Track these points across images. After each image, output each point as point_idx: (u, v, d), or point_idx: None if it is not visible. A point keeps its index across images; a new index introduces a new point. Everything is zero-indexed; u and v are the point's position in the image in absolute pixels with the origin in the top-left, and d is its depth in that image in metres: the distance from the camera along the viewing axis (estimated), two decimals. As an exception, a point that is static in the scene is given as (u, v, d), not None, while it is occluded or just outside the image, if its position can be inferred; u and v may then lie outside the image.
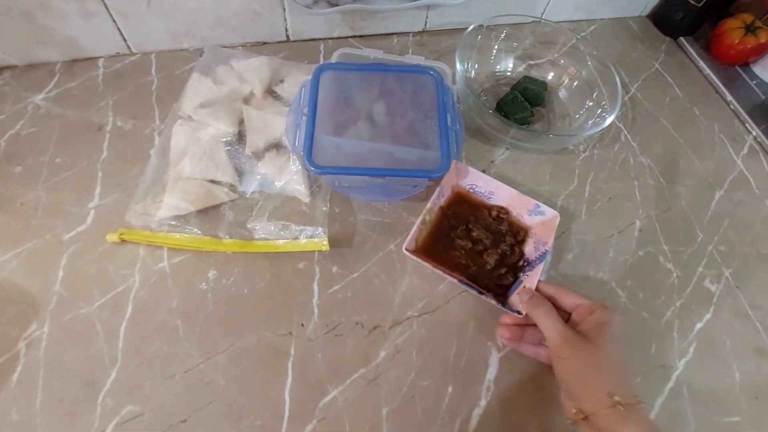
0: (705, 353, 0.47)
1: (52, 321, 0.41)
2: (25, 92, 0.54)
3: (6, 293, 0.42)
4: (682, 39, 0.75)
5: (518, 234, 0.49)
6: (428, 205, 0.47)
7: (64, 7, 0.51)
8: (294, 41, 0.64)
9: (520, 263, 0.47)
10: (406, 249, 0.43)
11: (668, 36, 0.76)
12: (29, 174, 0.48)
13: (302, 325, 0.43)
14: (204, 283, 0.44)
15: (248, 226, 0.47)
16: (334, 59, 0.54)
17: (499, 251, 0.47)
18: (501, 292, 0.45)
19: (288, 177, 0.49)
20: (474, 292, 0.43)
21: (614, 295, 0.49)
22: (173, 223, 0.46)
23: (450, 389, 0.42)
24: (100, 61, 0.58)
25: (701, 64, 0.72)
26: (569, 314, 0.41)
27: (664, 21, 0.76)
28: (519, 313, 0.41)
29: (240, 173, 0.50)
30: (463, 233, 0.48)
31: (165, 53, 0.60)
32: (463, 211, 0.50)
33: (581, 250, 0.51)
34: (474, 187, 0.51)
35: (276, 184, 0.49)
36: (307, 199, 0.49)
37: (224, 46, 0.61)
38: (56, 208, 0.47)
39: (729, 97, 0.68)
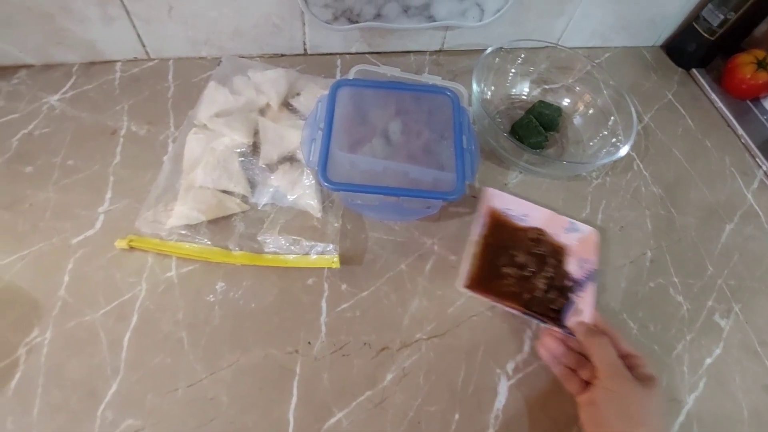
0: (715, 389, 0.46)
1: (54, 327, 0.40)
2: (41, 92, 0.54)
3: (9, 296, 0.41)
4: (694, 70, 0.76)
5: (558, 254, 0.49)
6: (471, 237, 0.48)
7: (85, 11, 0.51)
8: (311, 54, 0.64)
9: (568, 284, 0.47)
10: (465, 286, 0.44)
11: (681, 67, 0.77)
12: (40, 175, 0.48)
13: (309, 343, 0.43)
14: (212, 295, 0.44)
15: (259, 238, 0.47)
16: (351, 75, 0.54)
17: (546, 275, 0.47)
18: (554, 315, 0.45)
19: (301, 191, 0.49)
20: (536, 322, 0.44)
21: (625, 326, 0.48)
22: (183, 232, 0.45)
23: (457, 416, 0.41)
24: (118, 65, 0.58)
25: (713, 96, 0.72)
26: None
27: (677, 52, 0.77)
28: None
29: (253, 185, 0.50)
30: (508, 260, 0.48)
31: (183, 60, 0.60)
32: (503, 236, 0.50)
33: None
34: (508, 210, 0.51)
35: (288, 197, 0.49)
36: (319, 214, 0.49)
37: (242, 56, 0.61)
38: (66, 210, 0.46)
39: (740, 131, 0.68)
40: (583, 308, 0.43)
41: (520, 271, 0.47)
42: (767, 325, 0.51)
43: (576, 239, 0.49)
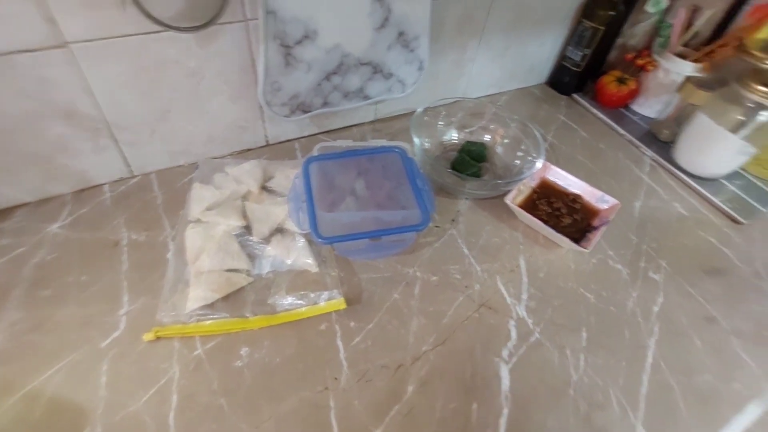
0: (667, 329, 0.57)
1: (103, 424, 0.43)
2: (42, 223, 0.59)
3: (55, 407, 0.43)
4: (574, 95, 0.96)
5: (589, 214, 0.67)
6: (524, 181, 0.67)
7: (81, 146, 0.59)
8: (273, 144, 0.75)
9: (587, 229, 0.65)
10: (507, 200, 0.64)
11: (564, 95, 0.97)
12: (59, 294, 0.52)
13: (335, 378, 0.48)
14: (239, 361, 0.49)
15: (269, 301, 0.53)
16: (315, 152, 0.65)
17: (573, 218, 0.66)
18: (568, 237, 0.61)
19: (296, 254, 0.57)
20: (552, 231, 0.61)
21: (584, 298, 0.59)
22: (202, 312, 0.51)
23: (475, 406, 0.48)
24: (105, 187, 0.65)
25: (594, 111, 0.92)
26: None
27: (557, 84, 0.98)
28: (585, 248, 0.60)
29: (253, 258, 0.57)
30: (545, 203, 0.68)
31: (164, 171, 0.68)
32: (547, 192, 0.70)
33: (549, 268, 0.62)
34: (557, 180, 0.70)
35: (287, 261, 0.57)
36: (316, 269, 0.57)
37: (215, 158, 0.70)
38: (89, 320, 0.50)
39: (621, 131, 0.87)
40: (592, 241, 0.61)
41: (551, 210, 0.67)
42: (690, 271, 0.64)
43: (604, 207, 0.67)
